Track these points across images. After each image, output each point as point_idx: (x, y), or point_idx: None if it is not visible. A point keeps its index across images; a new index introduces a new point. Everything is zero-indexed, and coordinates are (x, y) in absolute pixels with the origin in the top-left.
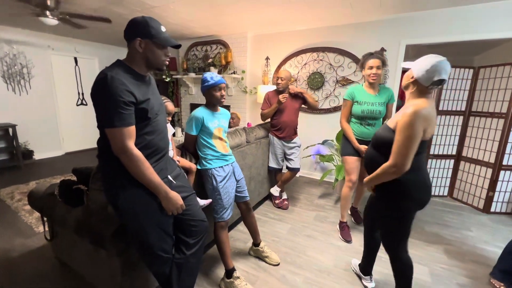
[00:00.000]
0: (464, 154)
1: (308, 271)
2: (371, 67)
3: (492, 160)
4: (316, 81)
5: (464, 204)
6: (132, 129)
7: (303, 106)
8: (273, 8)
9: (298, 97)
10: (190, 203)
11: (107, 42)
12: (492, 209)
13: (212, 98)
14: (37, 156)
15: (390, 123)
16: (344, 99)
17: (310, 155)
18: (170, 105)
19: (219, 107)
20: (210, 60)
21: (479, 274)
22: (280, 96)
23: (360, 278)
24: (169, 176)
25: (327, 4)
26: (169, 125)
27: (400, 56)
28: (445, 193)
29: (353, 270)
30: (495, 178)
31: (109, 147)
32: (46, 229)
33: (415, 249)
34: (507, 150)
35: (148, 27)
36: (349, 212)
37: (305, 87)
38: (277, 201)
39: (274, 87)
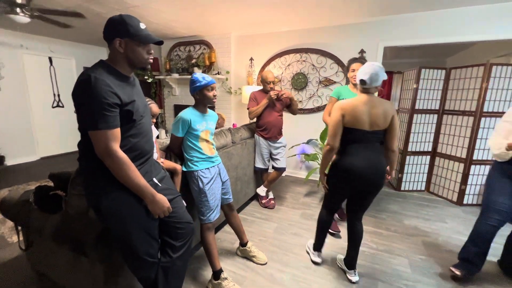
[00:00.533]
0: (439, 150)
1: (295, 269)
2: (353, 70)
3: (464, 155)
4: (300, 81)
5: (440, 198)
6: (117, 131)
7: (285, 108)
8: (256, 9)
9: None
10: (176, 205)
11: (85, 42)
12: (465, 202)
13: (205, 99)
14: (9, 161)
15: None
16: (330, 96)
17: (295, 155)
18: (154, 107)
19: (208, 109)
20: (193, 61)
21: (454, 262)
22: (272, 93)
23: (345, 272)
24: (154, 179)
25: (309, 7)
26: (153, 127)
27: (379, 58)
28: (423, 188)
29: (338, 265)
30: (467, 172)
31: (91, 150)
32: (21, 238)
33: (397, 242)
34: (477, 146)
35: (126, 25)
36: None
37: (289, 87)
38: (263, 201)
39: (259, 88)
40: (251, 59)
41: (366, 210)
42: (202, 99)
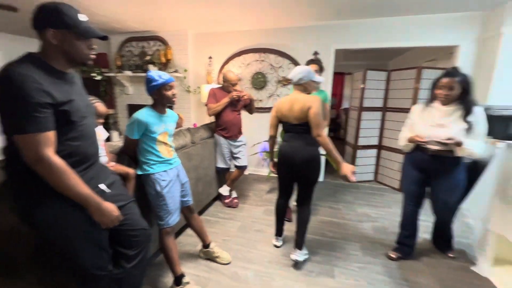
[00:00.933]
0: (383, 144)
1: (259, 264)
2: None
3: None
4: (259, 81)
5: (386, 186)
6: (50, 134)
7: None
8: (212, 7)
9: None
10: (128, 211)
11: (13, 32)
12: None
13: (163, 99)
14: None
15: None
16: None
17: (257, 153)
18: (100, 106)
19: (167, 109)
20: (148, 58)
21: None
22: (234, 93)
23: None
24: (101, 185)
25: (265, 8)
26: (101, 129)
27: (331, 59)
28: (372, 178)
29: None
30: None
31: (20, 156)
32: None
33: (350, 229)
34: None
35: (62, 15)
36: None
37: (249, 86)
38: (226, 201)
39: (218, 86)
40: (210, 57)
41: (323, 202)
42: (161, 99)
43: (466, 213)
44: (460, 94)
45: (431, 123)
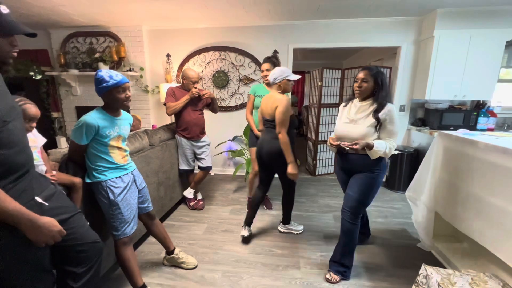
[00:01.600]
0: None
1: (226, 265)
2: (262, 70)
3: None
4: (221, 79)
5: None
6: None
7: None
8: (167, 3)
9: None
10: (73, 225)
11: None
12: None
13: (115, 101)
14: None
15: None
16: (248, 94)
17: (221, 152)
18: (31, 108)
19: (121, 111)
20: (97, 55)
21: None
22: (194, 90)
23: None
24: (37, 198)
25: (223, 6)
26: (36, 134)
27: (289, 58)
28: (332, 171)
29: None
30: None
31: None
32: None
33: (314, 221)
34: None
35: None
36: None
37: (210, 85)
38: (192, 203)
39: (178, 85)
40: (168, 55)
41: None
42: (112, 102)
43: (409, 196)
44: (373, 88)
45: (345, 120)
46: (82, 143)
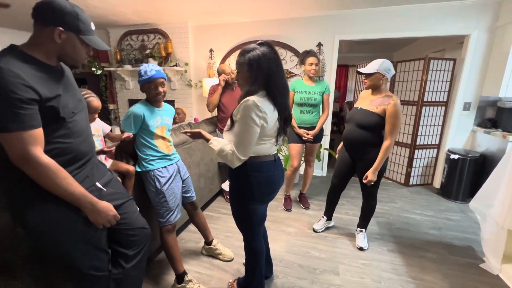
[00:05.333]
0: None
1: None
2: (311, 64)
3: (409, 141)
4: None
5: (390, 181)
6: (37, 132)
7: None
8: None
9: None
10: (126, 210)
11: (7, 26)
12: (411, 183)
13: (148, 95)
14: None
15: (371, 108)
16: None
17: None
18: (95, 101)
19: (164, 103)
20: (148, 51)
21: (403, 239)
22: (221, 78)
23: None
24: (97, 184)
25: None
26: (101, 123)
27: (335, 50)
28: None
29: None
30: (412, 156)
31: (7, 156)
32: None
33: (355, 225)
34: (419, 132)
35: (78, 20)
36: (298, 199)
37: None
38: (229, 196)
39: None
40: (211, 50)
41: (325, 197)
42: (147, 95)
43: (474, 208)
44: (247, 77)
45: None
46: (131, 133)
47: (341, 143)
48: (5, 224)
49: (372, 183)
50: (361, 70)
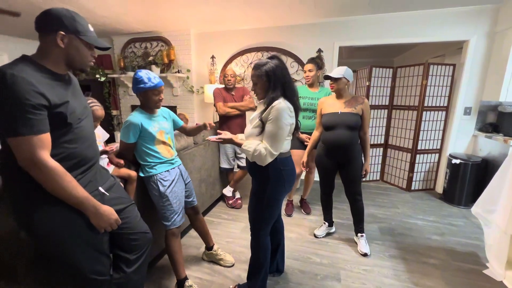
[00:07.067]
0: (390, 142)
1: None
2: (305, 71)
3: (410, 146)
4: None
5: (392, 186)
6: (45, 137)
7: None
8: (213, 6)
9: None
10: (128, 215)
11: (18, 35)
12: (413, 188)
13: (149, 102)
14: None
15: (350, 110)
16: None
17: None
18: (99, 110)
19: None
20: (151, 58)
21: (405, 244)
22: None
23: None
24: (100, 188)
25: (267, 5)
26: (100, 129)
27: (335, 57)
28: (378, 178)
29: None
30: (413, 161)
31: (15, 160)
32: None
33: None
34: (420, 137)
35: (75, 22)
36: (299, 204)
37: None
38: (230, 201)
39: (222, 86)
40: (213, 57)
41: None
42: (146, 102)
43: (476, 213)
44: (265, 86)
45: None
46: (130, 142)
47: (305, 155)
48: (11, 229)
49: (365, 178)
50: (329, 74)
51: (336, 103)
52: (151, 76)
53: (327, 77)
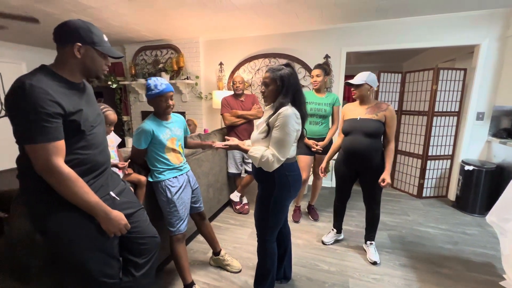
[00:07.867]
0: (400, 148)
1: None
2: (312, 76)
3: (421, 152)
4: None
5: (402, 192)
6: (60, 144)
7: None
8: (222, 14)
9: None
10: (137, 219)
11: (36, 45)
12: (424, 194)
13: (159, 108)
14: None
15: (371, 116)
16: None
17: None
18: (112, 114)
19: (172, 114)
20: (161, 65)
21: (416, 253)
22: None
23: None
24: (111, 193)
25: (274, 13)
26: (114, 135)
27: (342, 62)
28: None
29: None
30: (424, 167)
31: (32, 165)
32: None
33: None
34: (431, 143)
35: (91, 33)
36: (306, 210)
37: (259, 92)
38: (237, 207)
39: (229, 92)
40: (221, 63)
41: None
42: (157, 108)
43: (491, 222)
44: (277, 91)
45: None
46: (141, 148)
47: (324, 161)
48: (26, 231)
49: (388, 186)
50: (351, 81)
51: (357, 109)
52: (158, 83)
53: (348, 84)
